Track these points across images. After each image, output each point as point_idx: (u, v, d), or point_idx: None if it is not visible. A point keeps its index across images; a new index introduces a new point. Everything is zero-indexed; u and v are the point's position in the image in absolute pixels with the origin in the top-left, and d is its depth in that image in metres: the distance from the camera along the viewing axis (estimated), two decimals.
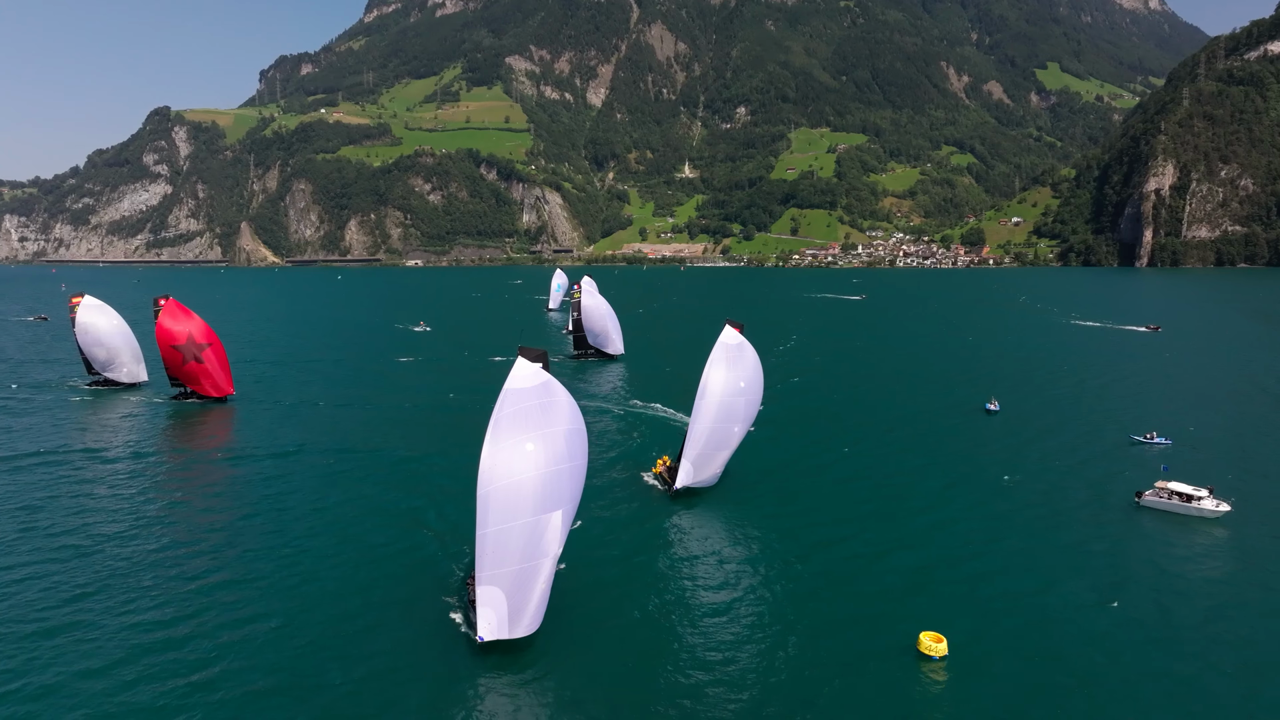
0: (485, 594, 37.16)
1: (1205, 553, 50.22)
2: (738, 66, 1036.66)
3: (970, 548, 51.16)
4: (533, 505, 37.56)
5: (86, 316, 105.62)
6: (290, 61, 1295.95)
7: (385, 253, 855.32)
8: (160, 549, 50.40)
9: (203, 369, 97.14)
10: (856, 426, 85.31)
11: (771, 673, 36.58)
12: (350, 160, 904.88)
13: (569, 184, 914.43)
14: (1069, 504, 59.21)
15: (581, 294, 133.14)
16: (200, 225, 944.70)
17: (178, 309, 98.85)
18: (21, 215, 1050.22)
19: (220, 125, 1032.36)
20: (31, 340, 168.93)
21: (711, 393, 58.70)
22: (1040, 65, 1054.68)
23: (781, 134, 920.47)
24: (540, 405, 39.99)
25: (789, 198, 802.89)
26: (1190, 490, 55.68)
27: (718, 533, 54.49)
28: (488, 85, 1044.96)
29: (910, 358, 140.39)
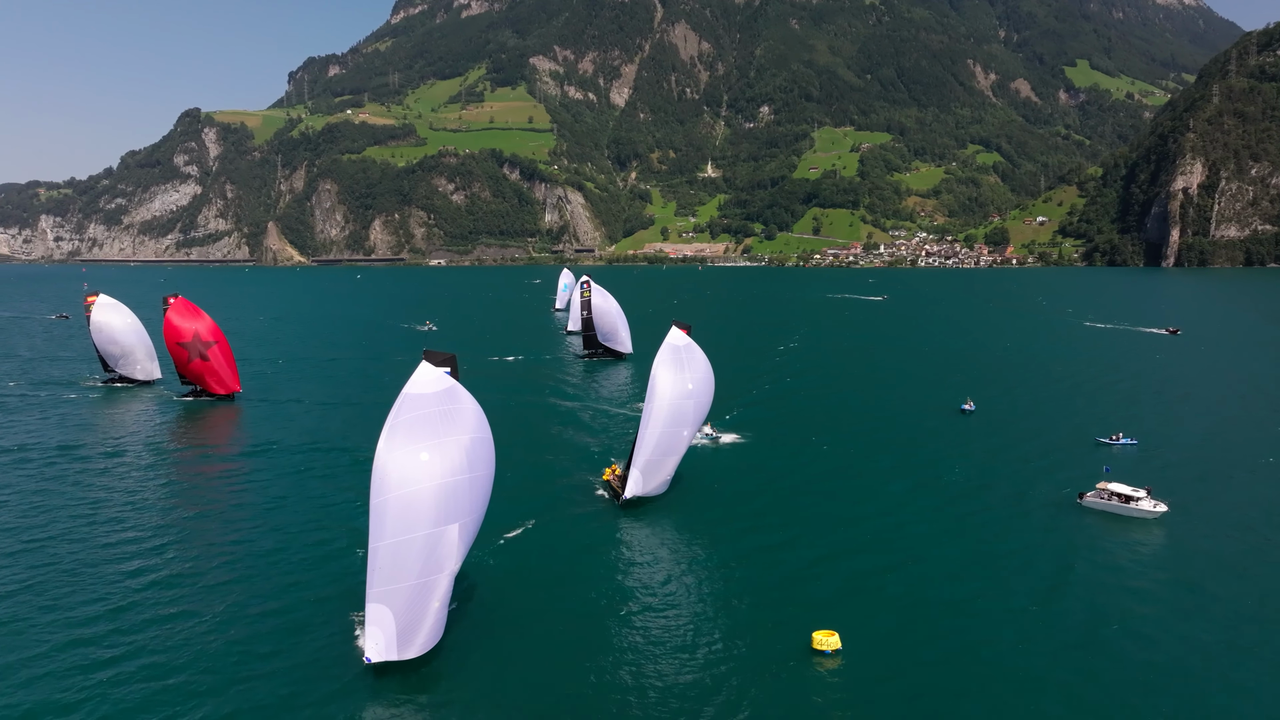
0: (374, 612, 35.14)
1: (1133, 552, 49.85)
2: (761, 65, 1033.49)
3: (898, 548, 51.00)
4: (429, 518, 35.69)
5: (101, 315, 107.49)
6: (318, 63, 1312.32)
7: (409, 252, 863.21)
8: (115, 544, 51.17)
9: (208, 366, 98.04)
10: (829, 428, 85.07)
11: (679, 680, 35.94)
12: (375, 161, 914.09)
13: (591, 184, 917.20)
14: (1011, 504, 59.01)
15: (591, 293, 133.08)
16: (228, 225, 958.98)
17: (186, 307, 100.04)
18: (57, 215, 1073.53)
19: (249, 126, 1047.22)
20: (53, 338, 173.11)
21: (660, 396, 57.00)
22: (1069, 62, 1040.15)
23: (805, 133, 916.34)
24: (441, 413, 38.30)
25: (811, 197, 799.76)
26: (1129, 491, 55.37)
27: (656, 543, 52.90)
28: (512, 86, 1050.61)
29: (905, 359, 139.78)
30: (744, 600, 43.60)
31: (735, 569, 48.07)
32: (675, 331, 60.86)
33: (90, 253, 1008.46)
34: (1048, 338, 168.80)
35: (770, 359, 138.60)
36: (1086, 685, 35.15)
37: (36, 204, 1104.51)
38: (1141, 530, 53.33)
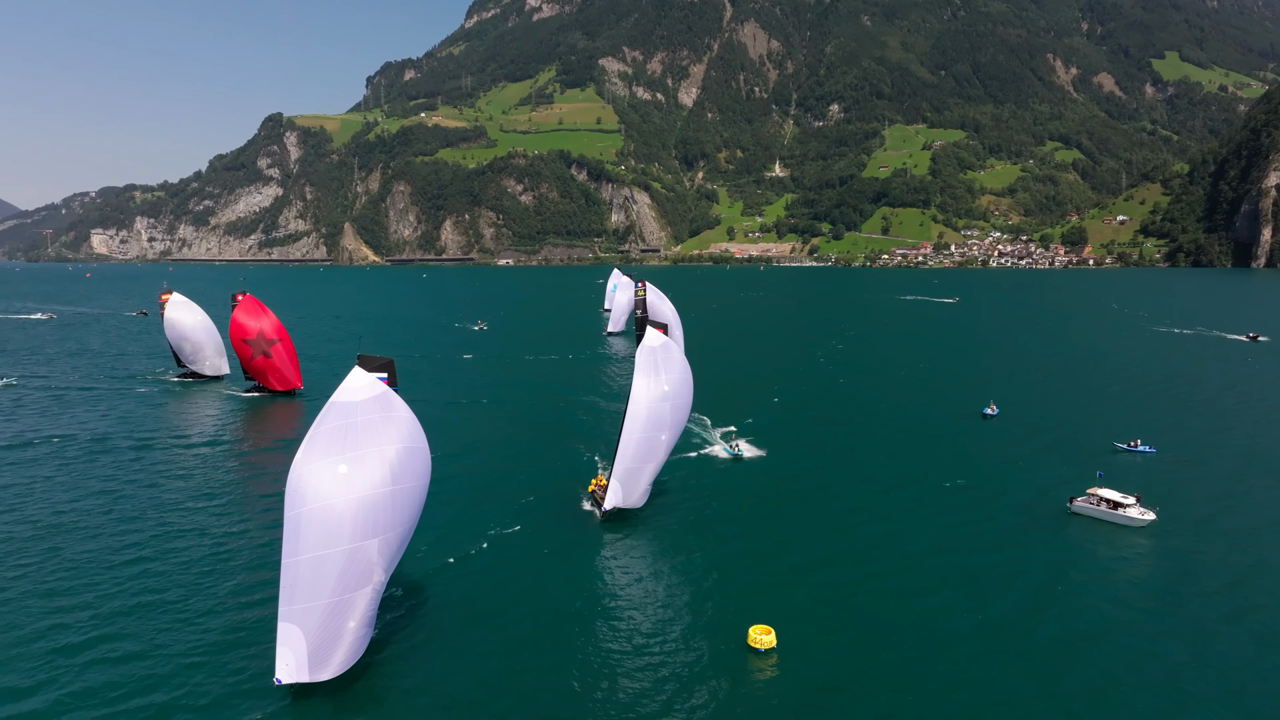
0: (284, 632, 33.45)
1: (1112, 559, 48.63)
2: (831, 63, 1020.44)
3: (875, 556, 50.69)
4: (346, 533, 33.90)
5: (174, 312, 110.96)
6: (395, 68, 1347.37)
7: (478, 252, 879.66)
8: (148, 534, 54.49)
9: (270, 364, 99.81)
10: (848, 433, 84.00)
11: (615, 700, 35.32)
12: (447, 162, 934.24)
13: (658, 184, 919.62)
14: (1001, 510, 57.92)
15: (646, 293, 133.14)
16: (307, 225, 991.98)
17: (253, 304, 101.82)
18: (150, 217, 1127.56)
19: (328, 130, 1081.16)
20: (133, 334, 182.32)
21: (637, 400, 54.83)
22: (1157, 55, 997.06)
23: (875, 131, 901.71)
24: (367, 421, 36.57)
25: (881, 196, 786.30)
26: (1118, 497, 53.95)
27: (627, 557, 50.24)
28: (580, 87, 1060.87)
29: (947, 361, 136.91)
30: (704, 611, 42.38)
31: (703, 579, 46.62)
32: (651, 333, 58.68)
33: (180, 252, 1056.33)
34: (1109, 342, 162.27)
35: (811, 361, 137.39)
36: (1037, 691, 34.96)
37: (132, 206, 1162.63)
38: (1126, 537, 51.94)
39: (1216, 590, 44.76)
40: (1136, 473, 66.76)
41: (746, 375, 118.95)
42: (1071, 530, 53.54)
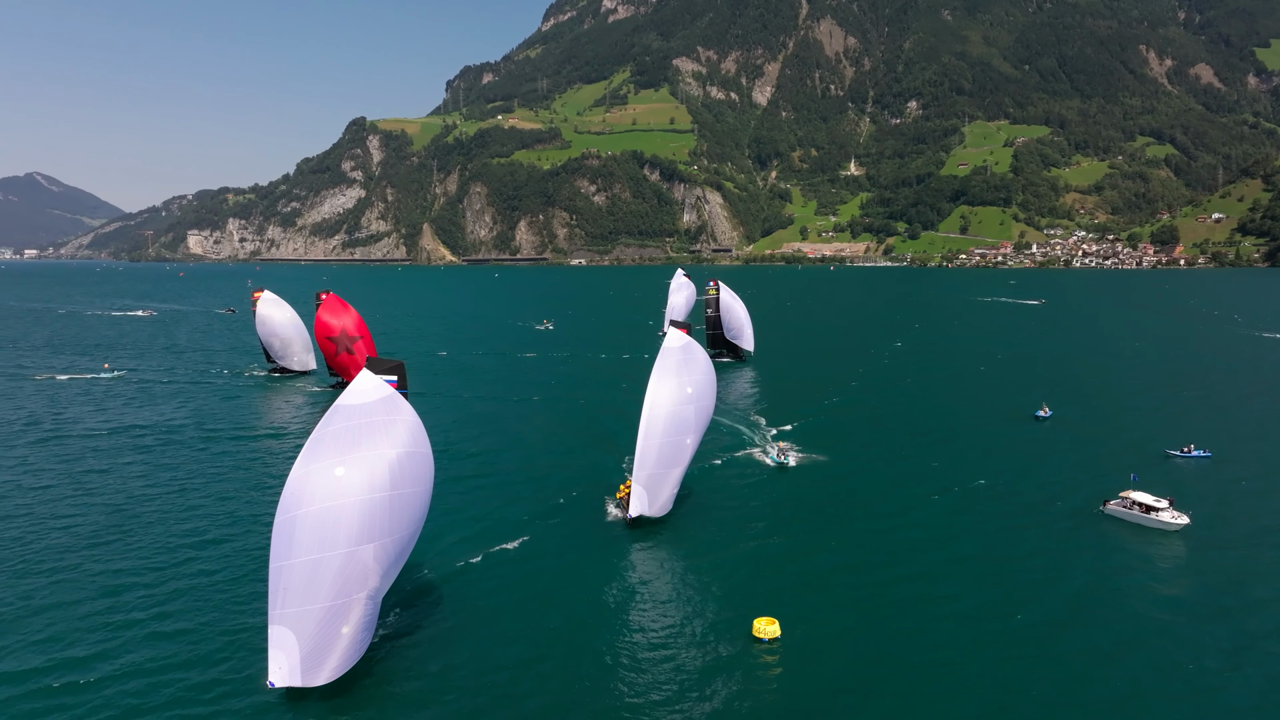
0: (276, 635, 33.14)
1: (1140, 564, 47.97)
2: (910, 59, 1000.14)
3: (903, 556, 50.89)
4: (340, 537, 33.65)
5: (264, 310, 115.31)
6: (473, 71, 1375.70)
7: (552, 252, 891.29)
8: (220, 520, 58.89)
9: (353, 360, 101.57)
10: (897, 434, 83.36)
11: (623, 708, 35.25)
12: (523, 164, 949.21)
13: (730, 183, 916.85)
14: (1037, 513, 57.35)
15: (720, 292, 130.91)
16: (388, 226, 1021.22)
17: (337, 303, 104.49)
18: (242, 218, 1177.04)
19: (409, 133, 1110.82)
20: (224, 331, 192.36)
21: (659, 404, 52.97)
22: (1262, 43, 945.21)
23: (954, 128, 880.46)
24: (370, 424, 36.47)
25: (959, 194, 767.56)
26: (1150, 501, 53.01)
27: (648, 565, 48.62)
28: (655, 87, 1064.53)
29: (1010, 364, 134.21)
30: (727, 620, 41.02)
31: (723, 587, 45.31)
32: (673, 333, 56.94)
33: (269, 252, 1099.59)
34: (1195, 346, 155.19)
35: (874, 361, 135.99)
36: (1046, 693, 35.28)
37: (225, 208, 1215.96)
38: (1156, 541, 51.11)
39: (1245, 597, 43.97)
40: (1181, 478, 65.12)
41: (806, 377, 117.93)
42: (1102, 533, 52.87)
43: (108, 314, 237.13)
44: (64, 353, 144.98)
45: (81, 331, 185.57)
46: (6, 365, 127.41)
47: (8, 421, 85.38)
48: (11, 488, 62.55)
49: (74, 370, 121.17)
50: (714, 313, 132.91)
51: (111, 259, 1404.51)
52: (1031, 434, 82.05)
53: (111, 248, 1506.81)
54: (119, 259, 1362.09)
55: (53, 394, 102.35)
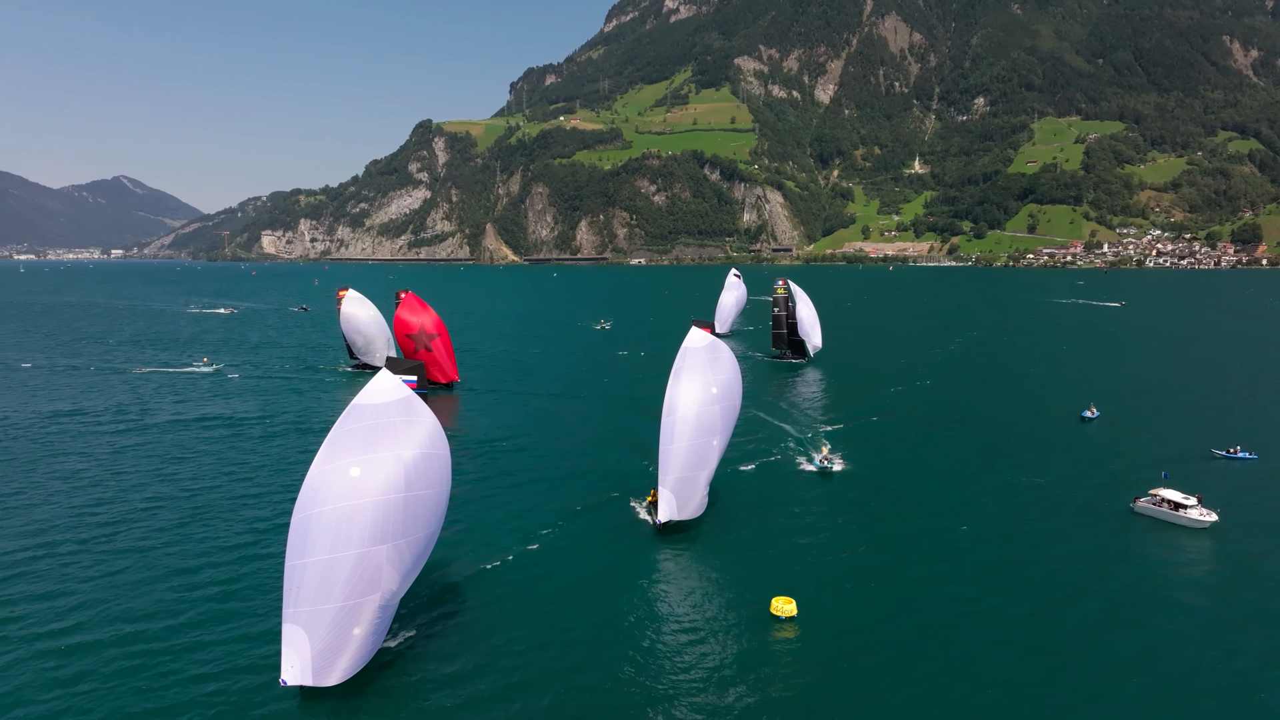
0: (289, 634, 33.36)
1: (1165, 560, 48.74)
2: (977, 55, 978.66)
3: (933, 553, 51.84)
4: (354, 538, 33.66)
5: (349, 307, 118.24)
6: (536, 73, 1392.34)
7: (611, 251, 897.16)
8: None
9: (431, 357, 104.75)
10: (941, 435, 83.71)
11: None
12: (584, 164, 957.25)
13: (791, 182, 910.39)
14: (1068, 509, 58.15)
15: (789, 291, 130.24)
16: (452, 226, 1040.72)
17: (415, 302, 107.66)
18: (313, 219, 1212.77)
19: (473, 135, 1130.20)
20: (306, 327, 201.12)
21: (684, 405, 51.87)
22: None
23: (1023, 124, 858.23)
24: (386, 425, 36.39)
25: (1027, 193, 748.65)
26: (1179, 498, 53.46)
27: (675, 570, 48.20)
28: (715, 87, 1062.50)
29: (1068, 364, 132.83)
30: (757, 631, 40.26)
31: (751, 591, 44.64)
32: (695, 332, 55.81)
33: (338, 252, 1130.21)
34: (1272, 349, 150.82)
35: (931, 363, 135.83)
36: (1058, 689, 36.13)
37: (297, 209, 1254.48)
38: (1184, 538, 51.75)
39: (1266, 593, 44.35)
40: (1220, 478, 64.85)
41: (861, 379, 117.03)
42: (1130, 530, 53.62)
43: (192, 311, 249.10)
44: (166, 348, 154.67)
45: (174, 328, 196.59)
46: (114, 359, 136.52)
47: (119, 409, 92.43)
48: (99, 471, 68.01)
49: (176, 364, 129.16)
50: (781, 312, 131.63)
51: (190, 258, 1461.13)
52: (1075, 434, 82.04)
53: (191, 247, 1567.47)
54: (197, 258, 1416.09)
55: (158, 385, 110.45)
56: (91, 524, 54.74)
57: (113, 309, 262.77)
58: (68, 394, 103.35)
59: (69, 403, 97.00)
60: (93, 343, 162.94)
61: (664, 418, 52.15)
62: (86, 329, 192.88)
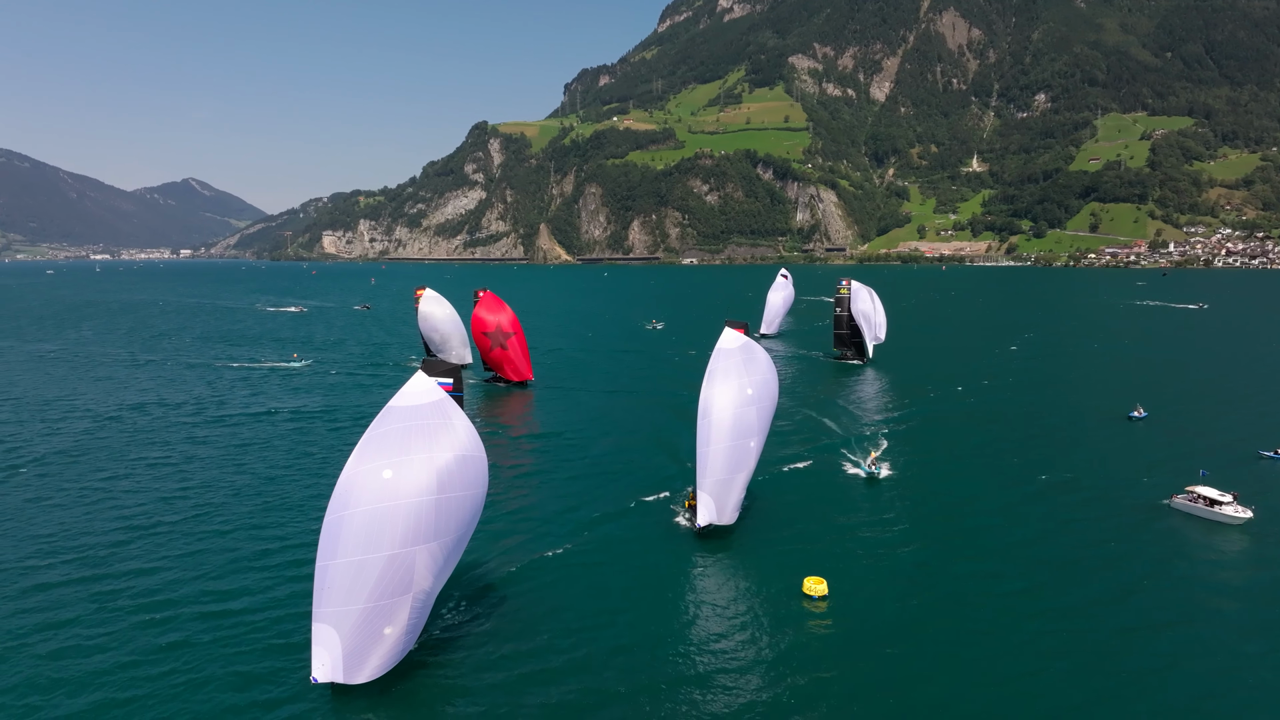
0: (319, 632, 33.88)
1: (1197, 553, 49.74)
2: (1039, 50, 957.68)
3: (980, 544, 53.64)
4: (386, 539, 33.94)
5: (426, 306, 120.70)
6: (590, 74, 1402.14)
7: (663, 251, 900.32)
8: None
9: (506, 356, 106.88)
10: (988, 435, 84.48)
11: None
12: (636, 164, 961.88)
13: (845, 181, 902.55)
14: (1106, 507, 59.12)
15: (850, 292, 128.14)
16: (507, 227, 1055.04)
17: (493, 300, 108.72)
18: (372, 220, 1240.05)
19: (528, 136, 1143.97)
20: (381, 325, 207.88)
21: (719, 407, 51.24)
22: None
23: (1086, 121, 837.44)
24: (421, 427, 36.55)
25: (1089, 191, 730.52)
26: (1215, 495, 54.40)
27: (709, 576, 47.51)
28: (769, 86, 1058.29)
29: (1120, 365, 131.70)
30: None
31: (785, 591, 44.52)
32: (729, 333, 54.94)
33: (396, 252, 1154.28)
34: None
35: (989, 363, 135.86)
36: (1094, 675, 37.91)
37: (357, 210, 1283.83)
38: (1219, 534, 52.63)
39: None
40: (1263, 477, 65.16)
41: (916, 380, 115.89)
42: (1164, 525, 54.73)
43: (268, 310, 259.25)
44: (255, 344, 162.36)
45: (253, 326, 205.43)
46: (204, 355, 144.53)
47: (221, 401, 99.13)
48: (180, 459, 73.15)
49: (270, 360, 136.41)
50: (843, 312, 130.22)
51: (254, 258, 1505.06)
52: (1121, 433, 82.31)
53: (255, 247, 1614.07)
54: (261, 258, 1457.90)
55: (253, 379, 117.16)
56: (165, 511, 59.02)
57: (187, 306, 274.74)
58: (174, 387, 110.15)
59: (180, 395, 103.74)
60: (179, 339, 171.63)
61: (699, 420, 51.50)
62: (167, 327, 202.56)
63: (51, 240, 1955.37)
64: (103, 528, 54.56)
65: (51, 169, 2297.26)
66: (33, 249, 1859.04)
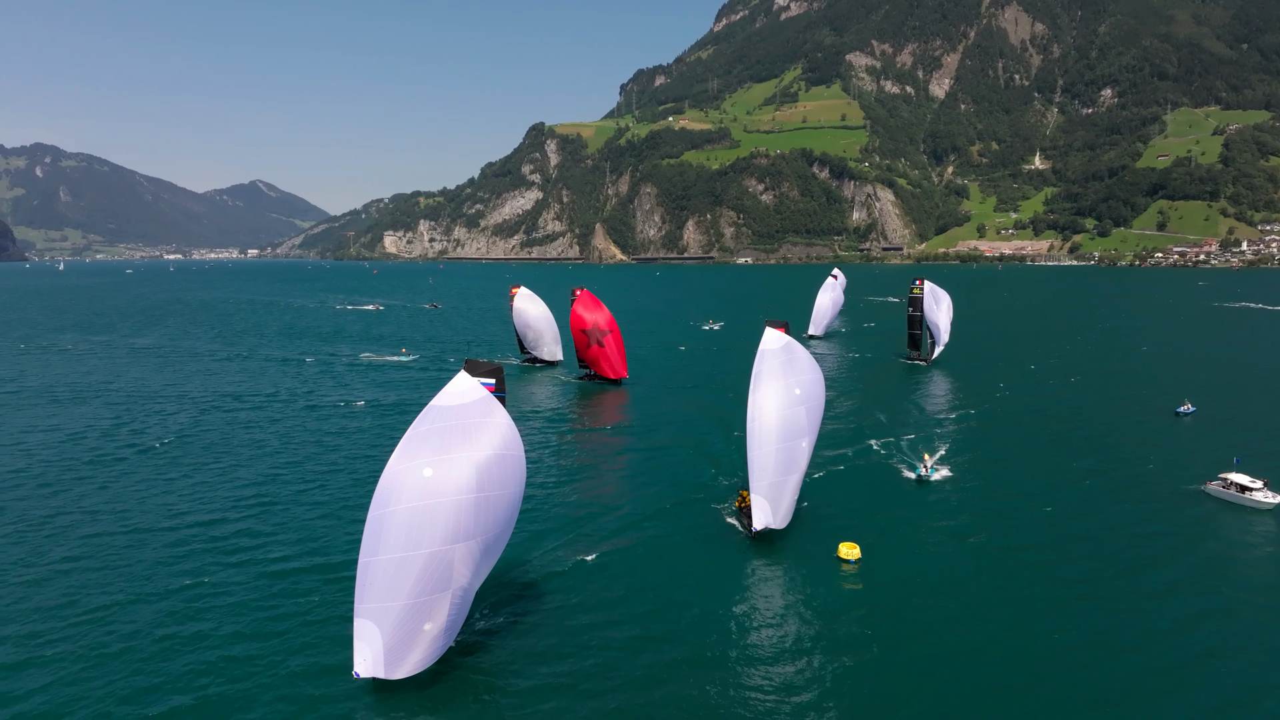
0: (361, 628, 34.65)
1: (1229, 536, 52.51)
2: (1105, 44, 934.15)
3: (1020, 525, 56.89)
4: (426, 537, 34.40)
5: (520, 303, 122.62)
6: (646, 74, 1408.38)
7: (718, 251, 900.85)
8: None
9: (603, 353, 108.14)
10: (1031, 432, 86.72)
11: None
12: (691, 164, 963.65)
13: (903, 180, 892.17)
14: (1142, 493, 61.81)
15: (923, 291, 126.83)
16: (563, 227, 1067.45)
17: (590, 299, 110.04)
18: (431, 220, 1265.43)
19: (584, 137, 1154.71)
20: (472, 321, 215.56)
21: (766, 410, 50.96)
22: None
23: (1155, 116, 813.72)
24: (462, 426, 36.97)
25: (1157, 188, 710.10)
26: (1247, 481, 56.89)
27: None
28: (826, 84, 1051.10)
29: (1177, 364, 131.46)
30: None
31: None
32: (770, 333, 54.62)
33: (454, 251, 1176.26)
34: None
35: (1050, 362, 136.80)
36: (1119, 642, 40.48)
37: (417, 210, 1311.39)
38: (1250, 518, 55.07)
39: None
40: None
41: (974, 382, 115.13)
42: (1198, 511, 57.40)
43: (348, 308, 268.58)
44: (362, 340, 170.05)
45: (346, 323, 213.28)
46: (346, 350, 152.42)
47: (342, 392, 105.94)
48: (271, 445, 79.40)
49: (381, 353, 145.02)
50: (916, 313, 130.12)
51: (318, 258, 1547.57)
52: (1169, 429, 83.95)
53: (319, 247, 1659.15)
54: (324, 258, 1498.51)
55: (364, 372, 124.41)
56: (278, 489, 65.18)
57: (269, 304, 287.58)
58: (306, 381, 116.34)
59: (309, 387, 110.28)
60: (298, 335, 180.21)
61: (749, 423, 51.20)
62: (265, 323, 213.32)
63: (128, 240, 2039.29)
64: (209, 507, 60.15)
65: (129, 173, 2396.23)
66: (110, 249, 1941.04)
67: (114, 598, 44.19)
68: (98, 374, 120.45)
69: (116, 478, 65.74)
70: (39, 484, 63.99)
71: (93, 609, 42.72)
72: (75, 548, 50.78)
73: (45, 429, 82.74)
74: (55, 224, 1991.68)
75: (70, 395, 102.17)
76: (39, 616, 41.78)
